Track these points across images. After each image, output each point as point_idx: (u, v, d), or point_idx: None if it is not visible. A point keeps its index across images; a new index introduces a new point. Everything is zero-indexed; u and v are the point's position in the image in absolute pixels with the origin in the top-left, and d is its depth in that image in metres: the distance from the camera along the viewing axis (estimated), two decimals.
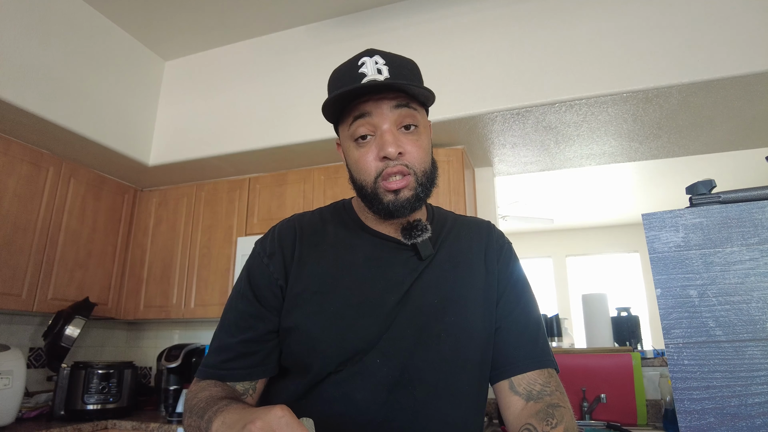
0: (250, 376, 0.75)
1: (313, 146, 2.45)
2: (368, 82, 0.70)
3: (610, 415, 1.98)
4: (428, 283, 0.76)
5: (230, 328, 0.77)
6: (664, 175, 4.52)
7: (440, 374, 0.72)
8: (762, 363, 0.51)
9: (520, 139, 2.39)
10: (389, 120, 0.73)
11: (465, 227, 0.87)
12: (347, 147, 0.77)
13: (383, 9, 2.42)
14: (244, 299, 0.78)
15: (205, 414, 0.62)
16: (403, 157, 0.73)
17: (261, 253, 0.80)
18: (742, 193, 0.58)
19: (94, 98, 2.40)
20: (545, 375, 0.76)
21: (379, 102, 0.72)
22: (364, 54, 0.75)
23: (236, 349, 0.75)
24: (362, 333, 0.72)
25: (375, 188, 0.74)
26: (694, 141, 2.45)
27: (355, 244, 0.80)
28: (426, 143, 0.77)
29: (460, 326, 0.75)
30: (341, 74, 0.76)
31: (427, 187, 0.76)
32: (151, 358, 3.02)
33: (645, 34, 1.95)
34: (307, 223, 0.84)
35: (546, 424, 0.67)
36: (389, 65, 0.73)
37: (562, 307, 6.35)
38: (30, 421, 2.17)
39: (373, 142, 0.73)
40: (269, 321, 0.76)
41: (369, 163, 0.74)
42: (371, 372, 0.71)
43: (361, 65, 0.73)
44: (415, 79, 0.76)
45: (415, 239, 0.76)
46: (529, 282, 0.86)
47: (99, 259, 2.72)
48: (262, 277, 0.78)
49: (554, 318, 2.64)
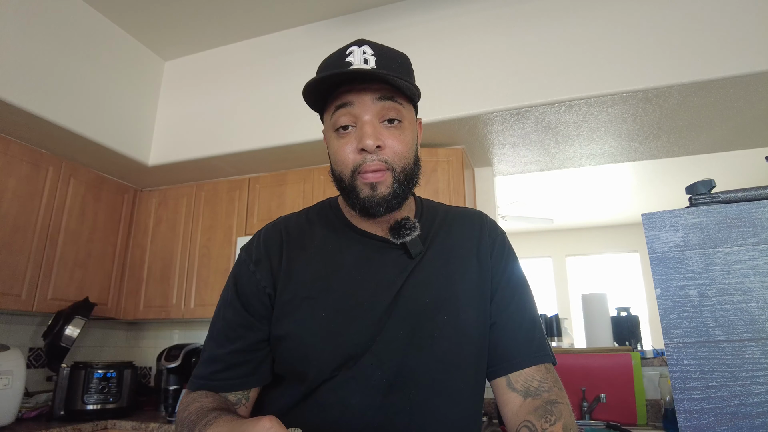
0: (242, 386, 0.74)
1: (313, 146, 2.45)
2: (353, 69, 0.68)
3: (610, 415, 1.98)
4: (419, 281, 0.75)
5: (219, 339, 0.76)
6: (663, 175, 4.52)
7: (435, 374, 0.71)
8: (762, 363, 0.51)
9: (520, 139, 2.39)
10: (371, 111, 0.71)
11: (456, 220, 0.84)
12: (329, 137, 0.76)
13: (383, 9, 2.42)
14: (231, 308, 0.76)
15: (195, 427, 0.61)
16: (382, 151, 0.71)
17: (247, 261, 0.78)
18: (741, 193, 0.58)
19: (93, 98, 2.40)
20: (543, 371, 0.75)
21: (361, 92, 0.70)
22: (354, 43, 0.73)
23: (226, 360, 0.74)
24: (356, 338, 0.71)
25: (352, 181, 0.72)
26: (694, 141, 2.45)
27: (343, 246, 0.78)
28: (409, 139, 0.74)
29: (454, 325, 0.73)
30: (327, 63, 0.74)
31: (406, 186, 0.73)
32: (150, 358, 3.02)
33: (645, 34, 1.95)
34: (293, 227, 0.82)
35: (545, 420, 0.67)
36: (377, 56, 0.71)
37: (561, 307, 6.35)
38: (30, 421, 2.17)
39: (353, 134, 0.71)
40: (259, 330, 0.75)
41: (347, 155, 0.71)
42: (365, 376, 0.69)
43: (348, 54, 0.72)
44: (403, 72, 0.74)
45: (404, 238, 0.75)
46: (524, 275, 0.84)
47: (99, 259, 2.72)
48: (249, 286, 0.76)
49: (554, 318, 2.64)
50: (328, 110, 0.75)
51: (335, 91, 0.72)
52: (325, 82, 0.70)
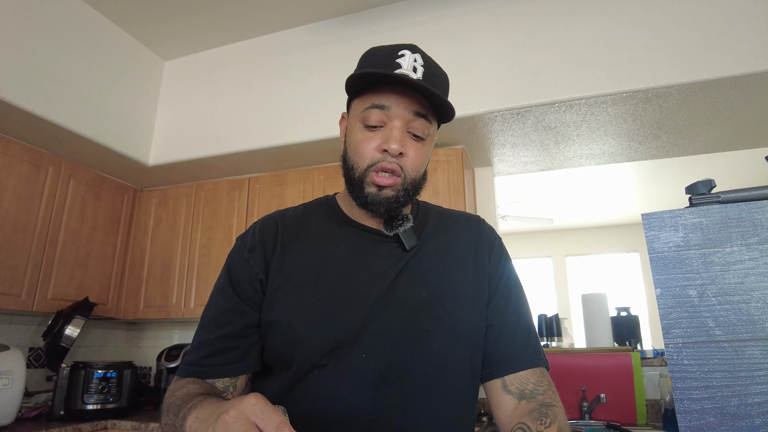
0: (230, 372, 0.74)
1: (313, 146, 2.45)
2: (401, 74, 0.69)
3: (610, 415, 1.98)
4: (415, 276, 0.76)
5: (209, 325, 0.76)
6: (663, 175, 4.52)
7: (430, 369, 0.71)
8: (761, 363, 0.51)
9: (520, 139, 2.39)
10: (404, 119, 0.72)
11: (453, 221, 0.86)
12: (353, 125, 0.76)
13: (383, 9, 2.42)
14: (223, 295, 0.77)
15: (180, 411, 0.61)
16: (402, 158, 0.73)
17: (241, 248, 0.79)
18: (741, 193, 0.58)
19: (93, 98, 2.40)
20: (538, 374, 0.75)
21: (401, 99, 0.72)
22: (407, 47, 0.74)
23: (214, 345, 0.74)
24: (345, 324, 0.71)
25: (363, 175, 0.73)
26: (694, 141, 2.45)
27: (337, 236, 0.79)
28: (426, 154, 0.77)
29: (449, 321, 0.74)
30: (378, 55, 0.74)
31: (410, 194, 0.75)
32: (150, 358, 3.02)
33: (645, 34, 1.95)
34: (289, 218, 0.83)
35: (540, 423, 0.67)
36: (426, 68, 0.72)
37: (561, 306, 6.36)
38: (30, 421, 2.17)
39: (380, 133, 0.73)
40: (248, 315, 0.75)
41: (368, 150, 0.73)
42: (356, 367, 0.69)
43: (400, 56, 0.72)
44: (443, 91, 0.75)
45: (396, 229, 0.76)
46: (520, 280, 0.85)
47: (99, 259, 2.72)
48: (241, 272, 0.77)
49: (554, 318, 2.64)
50: (361, 102, 0.75)
51: (376, 86, 0.73)
52: (374, 79, 0.72)
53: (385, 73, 0.69)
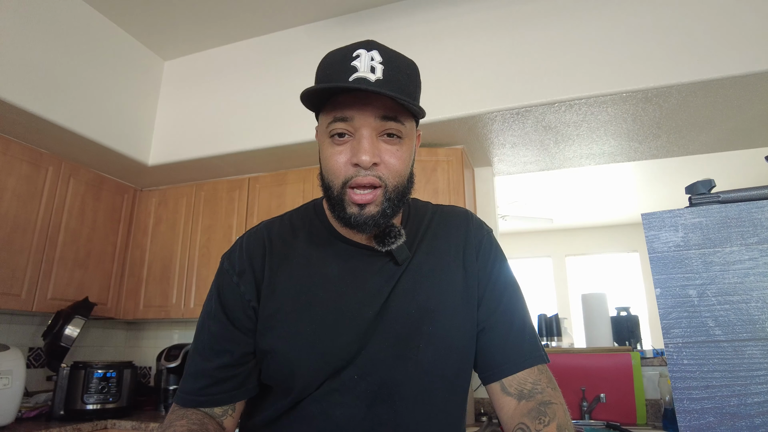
0: (231, 399, 0.73)
1: (313, 146, 2.44)
2: (355, 81, 0.64)
3: (610, 415, 1.98)
4: (404, 290, 0.74)
5: (205, 352, 0.74)
6: (663, 174, 4.52)
7: (420, 386, 0.71)
8: (761, 362, 0.51)
9: (520, 138, 2.39)
10: (371, 126, 0.66)
11: (443, 222, 0.83)
12: (322, 141, 0.71)
13: (383, 9, 2.41)
14: (216, 321, 0.75)
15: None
16: (378, 168, 0.67)
17: (230, 271, 0.76)
18: (741, 193, 0.58)
19: (93, 98, 2.40)
20: (535, 372, 0.75)
21: (363, 108, 0.66)
22: (362, 45, 0.68)
23: (214, 375, 0.72)
24: (342, 353, 0.70)
25: (341, 193, 0.68)
26: (694, 141, 2.45)
27: (327, 256, 0.76)
28: (406, 155, 0.70)
29: (439, 336, 0.73)
30: (332, 61, 0.69)
31: (396, 204, 0.70)
32: (150, 358, 3.02)
33: (645, 34, 1.95)
34: (276, 234, 0.79)
35: (539, 422, 0.67)
36: (385, 65, 0.66)
37: (561, 306, 6.36)
38: (29, 420, 2.17)
39: (349, 143, 0.67)
40: (245, 343, 0.74)
41: (339, 166, 0.67)
42: (349, 388, 0.69)
43: (355, 57, 0.66)
44: (410, 84, 0.69)
45: (389, 246, 0.72)
46: (512, 276, 0.82)
47: (98, 259, 2.72)
48: (233, 299, 0.75)
49: (554, 318, 2.64)
50: (324, 114, 0.70)
51: (335, 98, 0.68)
52: (326, 92, 0.67)
53: (336, 86, 0.64)
